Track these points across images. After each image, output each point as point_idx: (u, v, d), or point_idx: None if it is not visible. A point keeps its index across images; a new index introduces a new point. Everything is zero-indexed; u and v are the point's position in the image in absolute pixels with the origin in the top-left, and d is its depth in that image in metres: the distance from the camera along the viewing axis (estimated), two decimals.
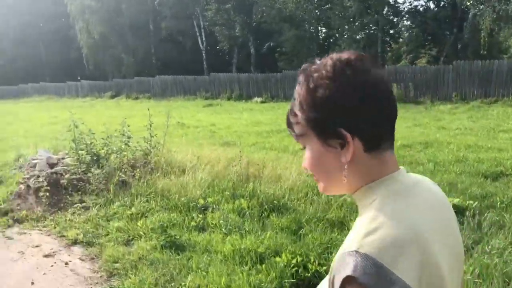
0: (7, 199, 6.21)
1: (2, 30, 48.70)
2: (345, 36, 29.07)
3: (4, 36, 48.72)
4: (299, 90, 0.93)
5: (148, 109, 7.15)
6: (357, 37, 28.63)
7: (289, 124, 0.98)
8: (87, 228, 5.10)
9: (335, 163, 0.92)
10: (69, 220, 5.45)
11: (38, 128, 15.84)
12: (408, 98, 17.48)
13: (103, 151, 6.95)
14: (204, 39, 37.06)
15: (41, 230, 5.31)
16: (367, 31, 28.69)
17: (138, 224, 4.96)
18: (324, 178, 0.97)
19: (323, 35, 33.74)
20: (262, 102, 22.59)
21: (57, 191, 6.23)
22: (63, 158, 7.34)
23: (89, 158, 6.78)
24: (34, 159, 7.34)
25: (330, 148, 0.91)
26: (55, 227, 5.29)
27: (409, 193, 0.91)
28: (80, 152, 6.73)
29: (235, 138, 11.01)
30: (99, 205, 5.80)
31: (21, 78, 47.85)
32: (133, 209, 5.45)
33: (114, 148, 6.91)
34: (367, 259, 0.78)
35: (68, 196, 6.15)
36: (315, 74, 0.90)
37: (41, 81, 45.47)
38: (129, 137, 6.85)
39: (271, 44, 38.04)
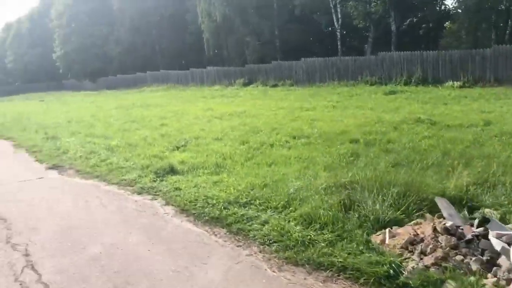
0: None
1: (119, 19, 47.94)
2: None
3: (120, 25, 47.96)
4: None
5: None
6: None
7: None
8: None
9: None
10: None
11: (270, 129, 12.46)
12: None
13: None
14: (339, 16, 32.60)
15: None
16: None
17: None
18: None
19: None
20: (460, 87, 17.87)
21: None
22: None
23: None
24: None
25: None
26: None
27: None
28: None
29: None
30: None
31: (137, 66, 46.96)
32: None
33: None
34: None
35: None
36: None
37: (155, 69, 44.10)
38: None
39: (414, 19, 33.02)
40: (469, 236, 3.58)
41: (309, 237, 4.10)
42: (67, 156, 9.40)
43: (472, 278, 3.17)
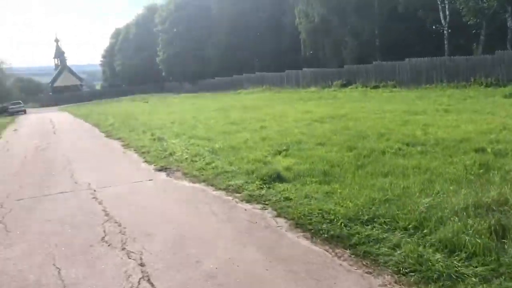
0: None
1: (217, 22, 49.37)
2: None
3: (218, 28, 49.34)
4: None
5: None
6: None
7: None
8: None
9: None
10: None
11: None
12: None
13: None
14: (447, 13, 30.26)
15: None
16: None
17: None
18: None
19: None
20: None
21: None
22: None
23: None
24: None
25: None
26: None
27: None
28: None
29: None
30: None
31: (233, 68, 47.96)
32: None
33: None
34: None
35: None
36: None
37: (251, 71, 44.67)
38: None
39: None
40: None
41: (455, 269, 3.45)
42: (174, 158, 9.50)
43: None
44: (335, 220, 4.75)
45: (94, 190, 7.25)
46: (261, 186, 6.59)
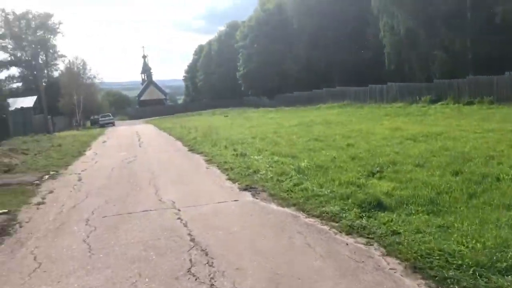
0: None
1: (297, 37, 49.11)
2: None
3: (298, 42, 49.05)
4: None
5: None
6: None
7: None
8: None
9: None
10: None
11: None
12: None
13: None
14: None
15: None
16: None
17: None
18: None
19: None
20: None
21: None
22: None
23: None
24: None
25: None
26: None
27: None
28: None
29: None
30: None
31: (312, 83, 47.28)
32: None
33: None
34: None
35: None
36: None
37: (330, 86, 43.69)
38: None
39: None
40: None
41: None
42: (258, 176, 9.00)
43: None
44: (464, 266, 3.89)
45: (179, 210, 6.91)
46: (361, 215, 5.84)
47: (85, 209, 7.39)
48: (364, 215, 5.84)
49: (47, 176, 11.28)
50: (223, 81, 71.53)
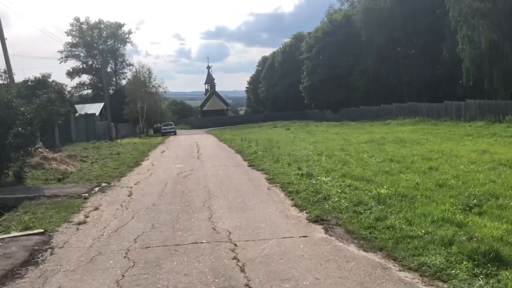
0: None
1: (366, 49, 47.13)
2: None
3: (367, 55, 47.05)
4: None
5: None
6: None
7: None
8: None
9: None
10: None
11: None
12: None
13: None
14: None
15: None
16: None
17: None
18: None
19: None
20: None
21: None
22: None
23: None
24: None
25: None
26: None
27: None
28: None
29: None
30: None
31: (380, 97, 45.06)
32: None
33: None
34: None
35: None
36: None
37: (399, 101, 41.34)
38: None
39: None
40: None
41: None
42: (330, 204, 7.61)
43: None
44: None
45: (235, 245, 5.69)
46: (475, 273, 4.34)
47: (128, 235, 6.38)
48: (479, 272, 4.36)
49: (97, 189, 10.55)
50: (286, 93, 70.52)
